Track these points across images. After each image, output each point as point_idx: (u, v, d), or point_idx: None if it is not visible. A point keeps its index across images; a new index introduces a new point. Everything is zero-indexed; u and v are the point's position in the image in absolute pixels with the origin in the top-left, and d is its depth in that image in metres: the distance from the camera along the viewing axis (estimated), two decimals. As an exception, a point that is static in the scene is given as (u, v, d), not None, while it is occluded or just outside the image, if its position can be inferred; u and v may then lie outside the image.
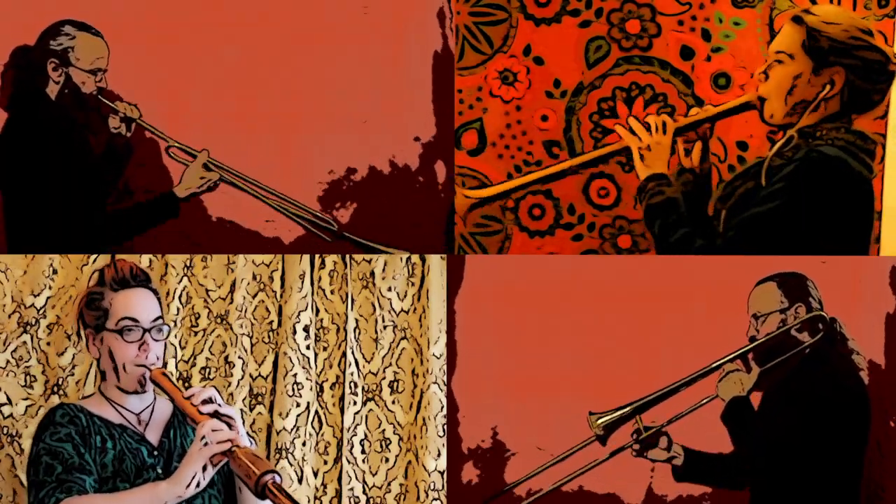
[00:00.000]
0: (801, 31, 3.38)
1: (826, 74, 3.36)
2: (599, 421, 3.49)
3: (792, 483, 3.40)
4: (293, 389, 3.72)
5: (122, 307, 3.19)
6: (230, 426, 3.05)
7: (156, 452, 3.17)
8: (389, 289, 3.80)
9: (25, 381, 3.67)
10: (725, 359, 3.50)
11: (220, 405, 3.08)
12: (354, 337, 3.79)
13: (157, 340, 3.19)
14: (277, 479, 2.92)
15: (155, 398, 3.25)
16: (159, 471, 3.17)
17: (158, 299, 3.25)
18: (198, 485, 3.00)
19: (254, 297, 3.77)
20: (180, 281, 3.75)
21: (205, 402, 3.07)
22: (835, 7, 3.70)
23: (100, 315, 3.19)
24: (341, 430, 3.76)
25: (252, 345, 3.76)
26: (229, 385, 3.72)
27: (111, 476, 3.11)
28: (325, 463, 3.78)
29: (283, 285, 3.77)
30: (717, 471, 3.58)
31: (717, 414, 3.50)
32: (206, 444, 2.99)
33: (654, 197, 3.45)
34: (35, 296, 3.69)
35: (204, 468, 3.00)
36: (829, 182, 3.32)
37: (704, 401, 3.50)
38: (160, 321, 3.21)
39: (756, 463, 3.43)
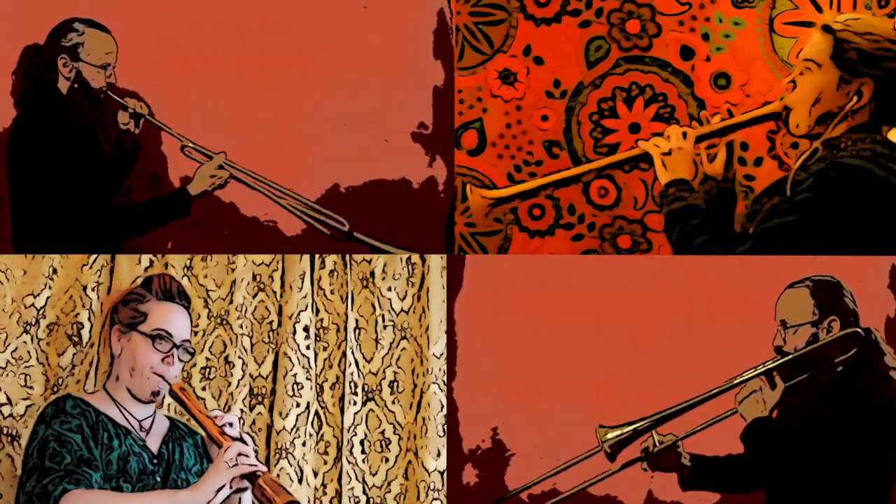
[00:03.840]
0: (829, 41, 3.29)
1: (854, 85, 3.26)
2: (608, 436, 3.34)
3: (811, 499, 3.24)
4: (293, 389, 3.72)
5: (161, 317, 3.23)
6: None
7: (155, 461, 3.19)
8: (389, 289, 3.80)
9: (25, 381, 3.67)
10: (749, 375, 3.30)
11: (240, 434, 3.14)
12: (354, 337, 3.78)
13: (181, 360, 3.23)
14: None
15: (155, 412, 3.27)
16: (158, 479, 3.19)
17: (191, 324, 3.34)
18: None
19: (254, 297, 3.77)
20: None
21: (227, 425, 3.16)
22: (867, 17, 3.50)
23: (136, 316, 3.23)
24: (341, 430, 3.76)
25: (252, 345, 3.76)
26: (229, 385, 3.72)
27: (115, 475, 3.12)
28: (325, 463, 3.78)
29: (283, 285, 3.77)
30: (724, 476, 3.43)
31: (731, 426, 3.34)
32: (234, 465, 3.04)
33: (674, 203, 3.35)
34: (35, 296, 3.69)
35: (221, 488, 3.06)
36: (854, 190, 3.21)
37: (726, 414, 3.33)
38: (188, 343, 3.25)
39: (775, 481, 3.27)
